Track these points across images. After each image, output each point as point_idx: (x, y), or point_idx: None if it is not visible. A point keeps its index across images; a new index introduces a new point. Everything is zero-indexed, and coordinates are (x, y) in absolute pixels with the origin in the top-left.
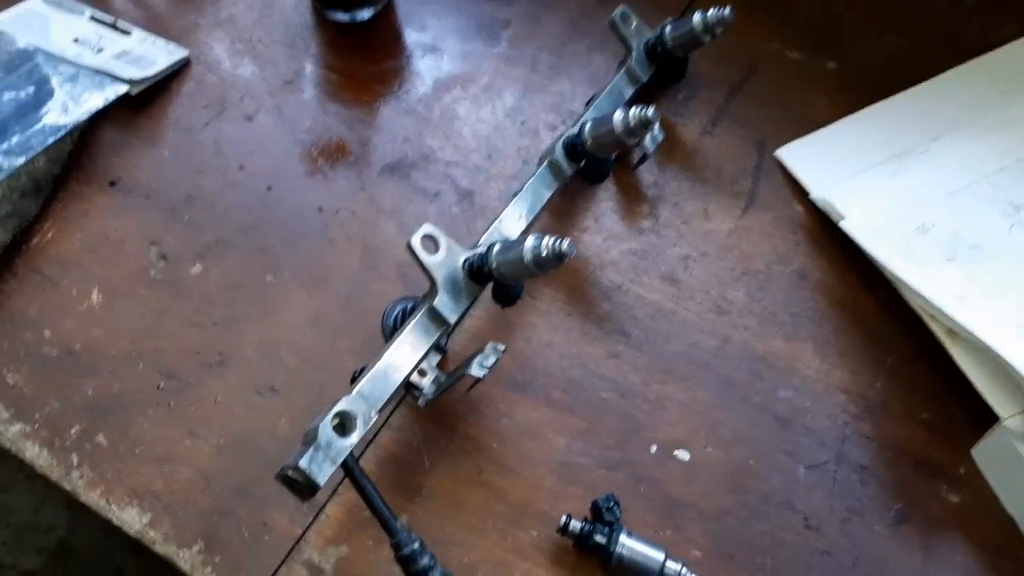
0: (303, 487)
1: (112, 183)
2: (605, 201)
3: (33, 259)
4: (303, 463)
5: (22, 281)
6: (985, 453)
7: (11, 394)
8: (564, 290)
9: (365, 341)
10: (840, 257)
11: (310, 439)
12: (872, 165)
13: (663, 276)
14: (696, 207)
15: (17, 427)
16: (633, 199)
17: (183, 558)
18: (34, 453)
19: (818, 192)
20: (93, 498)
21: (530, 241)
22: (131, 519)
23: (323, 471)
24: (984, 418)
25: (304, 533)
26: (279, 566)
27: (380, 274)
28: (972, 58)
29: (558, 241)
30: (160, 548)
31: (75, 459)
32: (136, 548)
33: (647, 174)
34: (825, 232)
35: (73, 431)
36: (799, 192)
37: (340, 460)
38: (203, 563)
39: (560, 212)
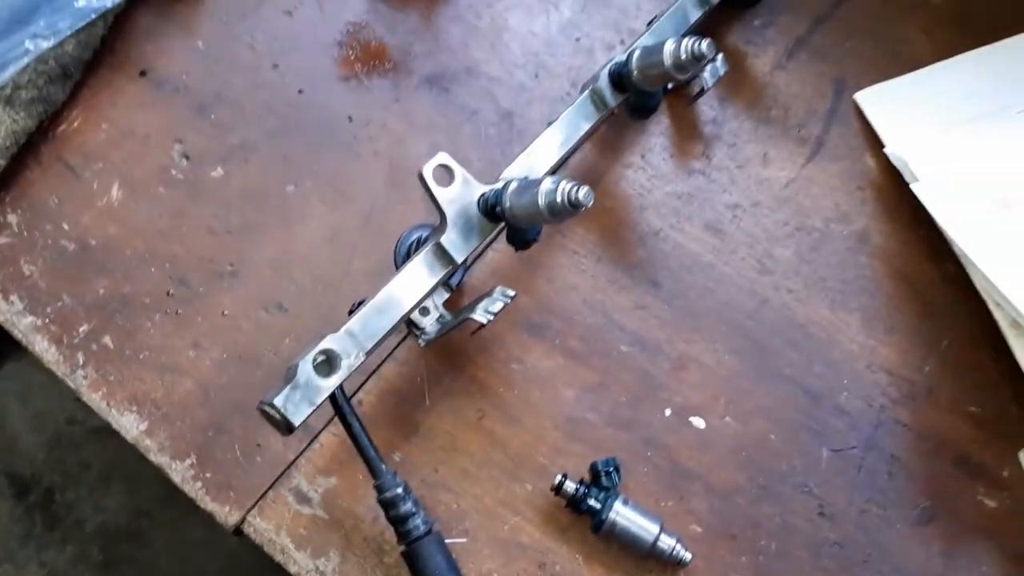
0: (280, 424)
1: (143, 73)
2: (656, 136)
3: (58, 148)
4: (278, 401)
5: (46, 170)
6: None
7: (26, 284)
8: (597, 231)
9: (382, 265)
10: (907, 223)
11: (290, 376)
12: (961, 122)
13: (707, 224)
14: (755, 151)
15: (29, 320)
16: (686, 136)
17: (175, 470)
18: (43, 348)
19: (894, 147)
20: (95, 400)
21: (546, 184)
22: (129, 425)
23: (300, 411)
24: None
25: (296, 459)
26: (267, 489)
27: (405, 195)
28: None
29: (575, 188)
30: (154, 457)
31: (81, 359)
32: None
33: (706, 108)
34: (896, 193)
35: (82, 329)
36: (874, 144)
37: (319, 401)
38: (194, 477)
39: (605, 144)
